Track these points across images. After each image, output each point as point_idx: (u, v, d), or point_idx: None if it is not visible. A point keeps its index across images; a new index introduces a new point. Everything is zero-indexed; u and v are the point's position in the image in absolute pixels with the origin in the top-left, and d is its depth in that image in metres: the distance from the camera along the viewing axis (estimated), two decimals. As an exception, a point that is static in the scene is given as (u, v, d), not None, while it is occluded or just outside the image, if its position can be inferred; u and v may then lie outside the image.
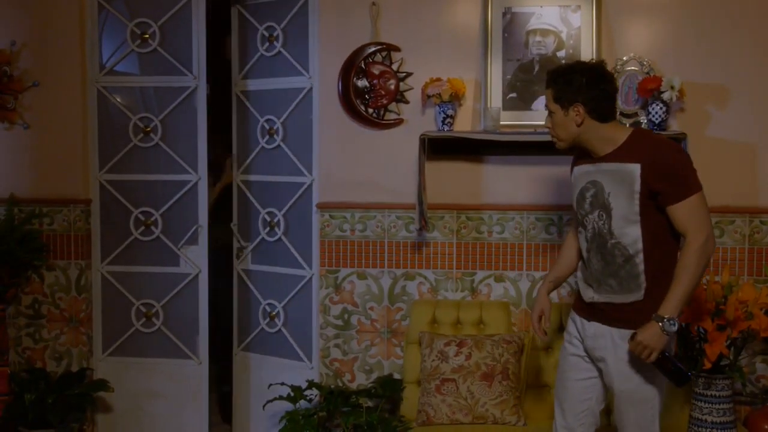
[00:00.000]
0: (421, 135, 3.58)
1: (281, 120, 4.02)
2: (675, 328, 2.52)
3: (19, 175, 4.05)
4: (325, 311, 3.85)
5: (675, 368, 2.55)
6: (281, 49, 4.00)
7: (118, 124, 4.11)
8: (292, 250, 4.03)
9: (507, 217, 3.73)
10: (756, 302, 3.21)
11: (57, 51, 4.00)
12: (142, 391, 4.14)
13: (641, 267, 2.63)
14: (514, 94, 3.64)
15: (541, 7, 3.62)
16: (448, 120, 3.60)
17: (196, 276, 4.10)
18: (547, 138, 3.51)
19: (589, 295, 2.76)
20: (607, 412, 3.16)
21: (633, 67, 3.56)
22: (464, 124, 3.69)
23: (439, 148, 3.68)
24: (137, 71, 4.14)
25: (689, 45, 3.58)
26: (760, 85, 3.56)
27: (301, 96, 3.95)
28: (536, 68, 3.63)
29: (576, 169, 2.83)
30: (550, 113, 2.76)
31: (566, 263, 3.02)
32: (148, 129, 4.09)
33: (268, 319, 4.12)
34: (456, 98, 3.61)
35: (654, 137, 2.71)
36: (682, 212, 2.56)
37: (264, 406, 3.82)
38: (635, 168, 2.59)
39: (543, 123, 3.54)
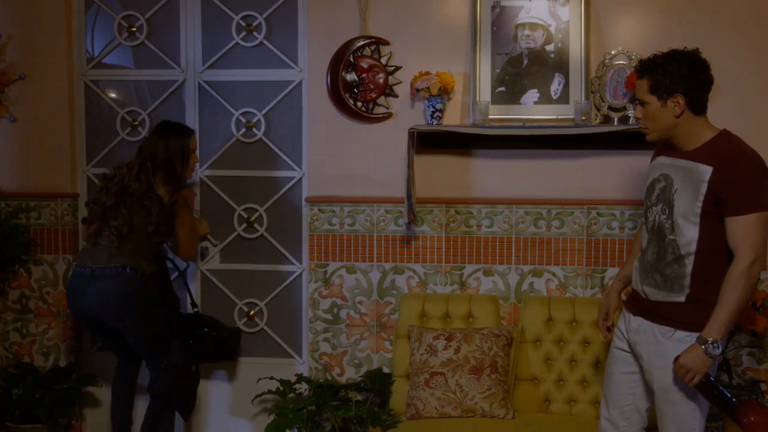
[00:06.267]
0: (410, 129, 3.57)
1: (263, 113, 3.99)
2: (719, 351, 2.47)
3: (6, 169, 4.03)
4: (314, 305, 3.85)
5: (719, 393, 2.48)
6: (264, 41, 3.96)
7: (105, 118, 4.09)
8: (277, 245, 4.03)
9: (496, 211, 3.73)
10: (743, 295, 3.23)
11: (44, 44, 3.97)
12: (130, 386, 4.12)
13: (688, 269, 2.58)
14: (502, 88, 3.65)
15: (530, 0, 3.62)
16: (437, 114, 3.59)
17: (185, 271, 4.08)
18: (535, 132, 3.54)
19: (638, 284, 2.75)
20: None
21: (621, 61, 3.56)
22: (453, 118, 3.68)
23: (428, 141, 3.69)
24: (125, 64, 4.12)
25: (677, 39, 3.56)
26: (747, 79, 3.57)
27: (289, 89, 3.94)
28: (525, 62, 3.63)
29: (655, 159, 2.78)
30: (643, 104, 2.65)
31: (635, 261, 2.94)
32: (136, 123, 4.08)
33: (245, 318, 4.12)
34: (445, 92, 3.61)
35: (735, 144, 2.60)
36: (739, 227, 2.49)
37: (253, 401, 3.82)
38: (706, 170, 2.53)
39: (531, 117, 3.61)
